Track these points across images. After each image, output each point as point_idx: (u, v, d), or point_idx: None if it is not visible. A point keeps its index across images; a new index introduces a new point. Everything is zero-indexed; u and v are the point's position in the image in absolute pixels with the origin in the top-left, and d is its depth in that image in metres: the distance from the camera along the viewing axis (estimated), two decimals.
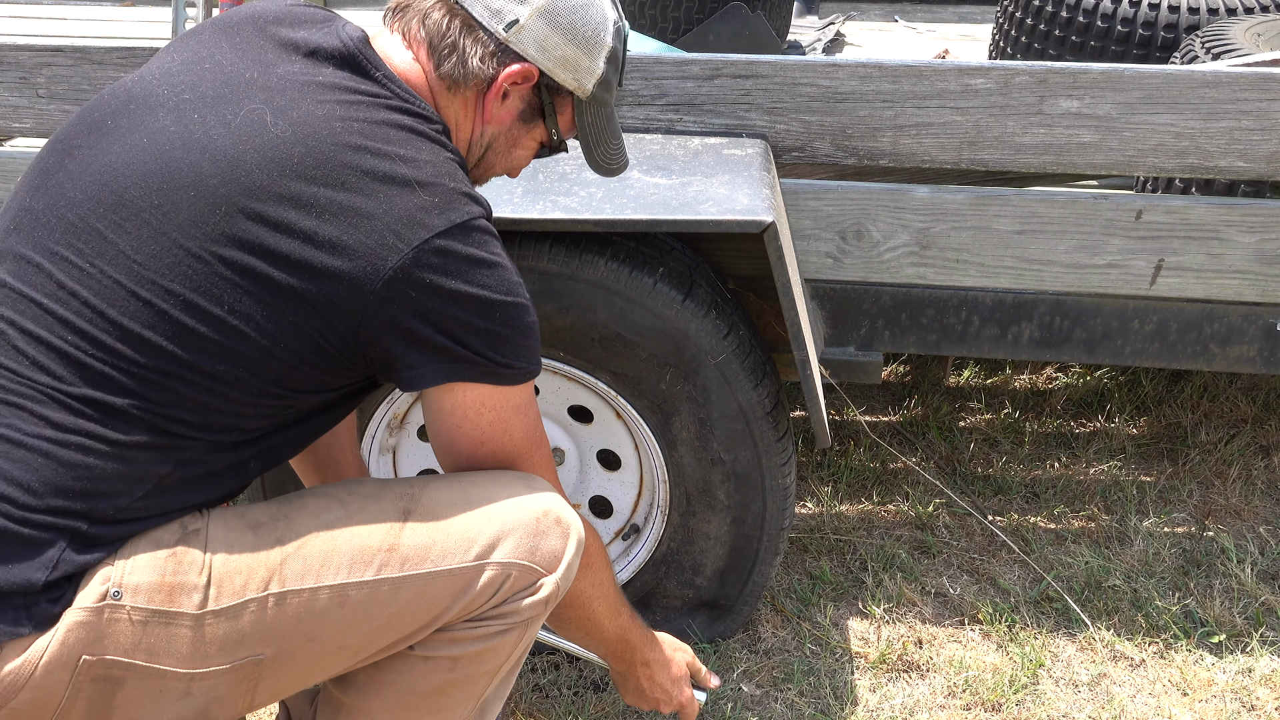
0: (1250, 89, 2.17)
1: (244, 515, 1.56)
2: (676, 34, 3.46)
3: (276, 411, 1.54)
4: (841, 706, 2.31)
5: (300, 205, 1.46)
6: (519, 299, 1.55)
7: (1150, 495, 2.95)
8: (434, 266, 1.47)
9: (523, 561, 1.58)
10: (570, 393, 2.26)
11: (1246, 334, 2.36)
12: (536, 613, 1.61)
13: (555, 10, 1.61)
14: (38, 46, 2.34)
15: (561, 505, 1.64)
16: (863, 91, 2.22)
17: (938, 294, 2.37)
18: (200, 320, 1.45)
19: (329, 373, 1.53)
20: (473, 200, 1.54)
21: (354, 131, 1.51)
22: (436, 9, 1.61)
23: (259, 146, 1.48)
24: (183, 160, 1.48)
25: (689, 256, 2.19)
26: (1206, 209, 2.27)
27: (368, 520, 1.56)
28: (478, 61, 1.60)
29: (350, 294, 1.46)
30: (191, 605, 1.47)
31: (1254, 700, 2.33)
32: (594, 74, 1.66)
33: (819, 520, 2.86)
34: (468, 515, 1.57)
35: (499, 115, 1.67)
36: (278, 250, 1.45)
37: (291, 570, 1.52)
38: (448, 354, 1.51)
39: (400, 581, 1.54)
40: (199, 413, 1.48)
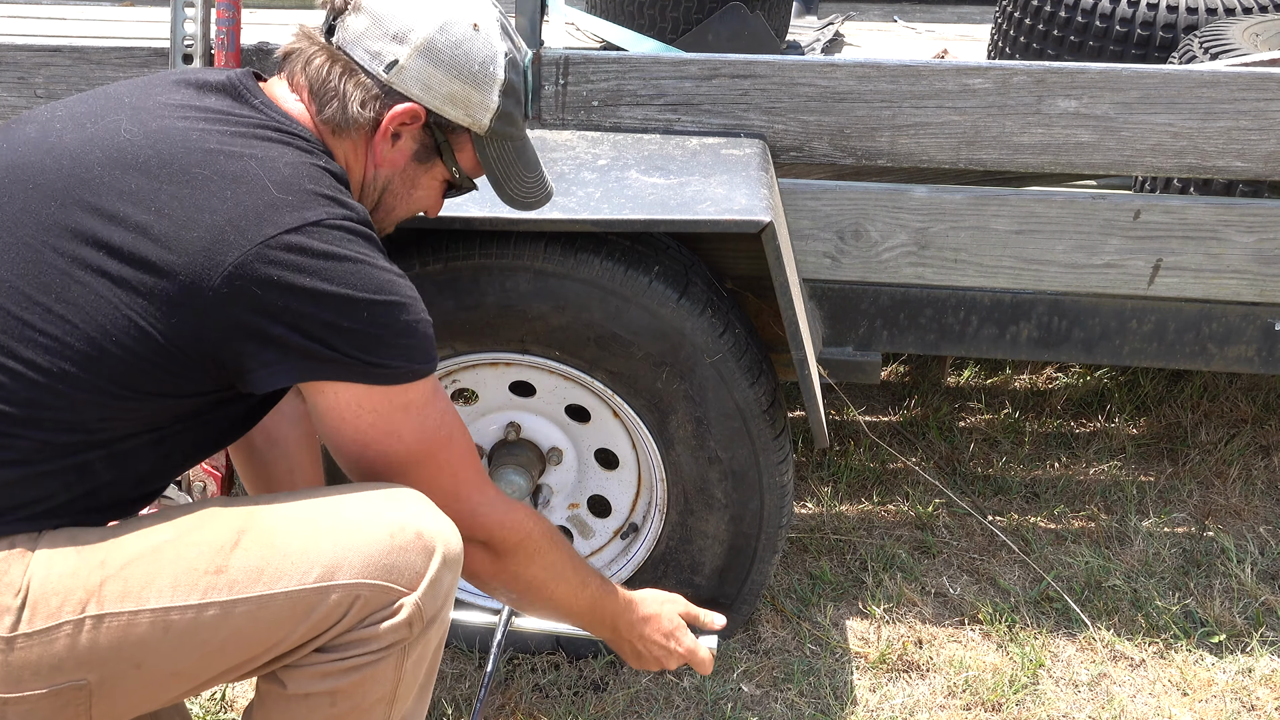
0: (1248, 89, 2.17)
1: (75, 537, 1.47)
2: (675, 34, 3.46)
3: (122, 414, 1.46)
4: (841, 706, 2.31)
5: (138, 200, 1.43)
6: (391, 296, 1.48)
7: (1150, 495, 2.95)
8: (282, 263, 1.42)
9: (375, 581, 1.48)
10: (567, 392, 2.26)
11: (1245, 334, 2.35)
12: (400, 636, 1.51)
13: (435, 47, 1.58)
14: (36, 46, 2.34)
15: (425, 518, 1.53)
16: (861, 91, 2.22)
17: (936, 294, 2.37)
18: (25, 308, 1.41)
19: (180, 375, 1.45)
20: (337, 204, 1.49)
21: (212, 138, 1.49)
22: (318, 55, 1.59)
23: (106, 147, 1.47)
24: (28, 159, 1.49)
25: (684, 255, 2.19)
26: (1204, 209, 2.27)
27: (198, 540, 1.47)
28: (358, 107, 1.58)
29: (188, 291, 1.40)
30: (2, 628, 1.40)
31: (1254, 700, 2.33)
32: (488, 109, 1.63)
33: (819, 520, 2.86)
34: (310, 533, 1.48)
35: (391, 157, 1.64)
36: (110, 242, 1.41)
37: (110, 592, 1.43)
38: (308, 354, 1.45)
39: (229, 605, 1.45)
40: (23, 407, 1.41)
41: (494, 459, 2.31)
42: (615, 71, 2.25)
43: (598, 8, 3.61)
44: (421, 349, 1.52)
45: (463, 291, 2.08)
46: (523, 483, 2.27)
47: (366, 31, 1.58)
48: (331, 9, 1.60)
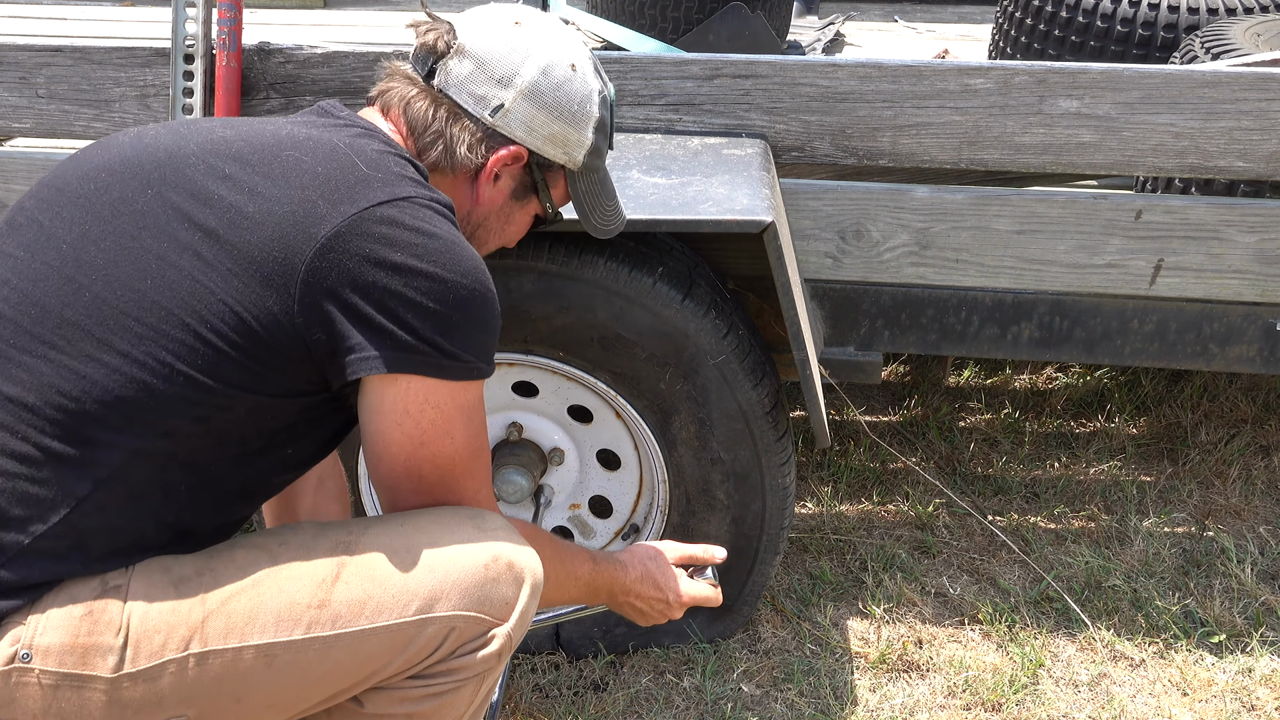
0: (1250, 89, 2.17)
1: (169, 569, 1.45)
2: (676, 34, 3.46)
3: (210, 414, 1.43)
4: (841, 706, 2.31)
5: (233, 183, 1.44)
6: (478, 286, 1.47)
7: (1150, 495, 2.95)
8: (375, 236, 1.41)
9: (469, 613, 1.49)
10: (570, 392, 2.26)
11: (1246, 334, 2.36)
12: (489, 666, 1.53)
13: (539, 90, 1.60)
14: (38, 46, 2.34)
15: (514, 547, 1.54)
16: (862, 91, 2.22)
17: (937, 294, 2.37)
18: (119, 295, 1.40)
19: (272, 367, 1.43)
20: (424, 187, 1.51)
21: (301, 134, 1.51)
22: (420, 97, 1.60)
23: (200, 141, 1.50)
24: (125, 157, 1.51)
25: (688, 256, 2.19)
26: (1206, 209, 2.27)
27: (298, 573, 1.47)
28: (465, 150, 1.60)
29: (281, 266, 1.40)
30: (106, 668, 1.39)
31: (1254, 700, 2.33)
32: (584, 145, 1.66)
33: (819, 520, 2.86)
34: (409, 565, 1.48)
35: (491, 197, 1.66)
36: (205, 224, 1.42)
37: (214, 629, 1.43)
38: (392, 339, 1.42)
39: (332, 640, 1.46)
40: (117, 409, 1.38)
41: (496, 459, 2.31)
42: (617, 71, 2.25)
43: (599, 8, 3.61)
44: (491, 346, 1.52)
45: None
46: (524, 483, 2.27)
47: (471, 76, 1.59)
48: (430, 52, 1.61)
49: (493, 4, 1.67)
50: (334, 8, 4.21)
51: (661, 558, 1.88)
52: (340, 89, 2.29)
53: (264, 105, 2.31)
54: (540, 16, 1.66)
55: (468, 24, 1.62)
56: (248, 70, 2.29)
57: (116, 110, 2.35)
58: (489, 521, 1.55)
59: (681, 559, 1.91)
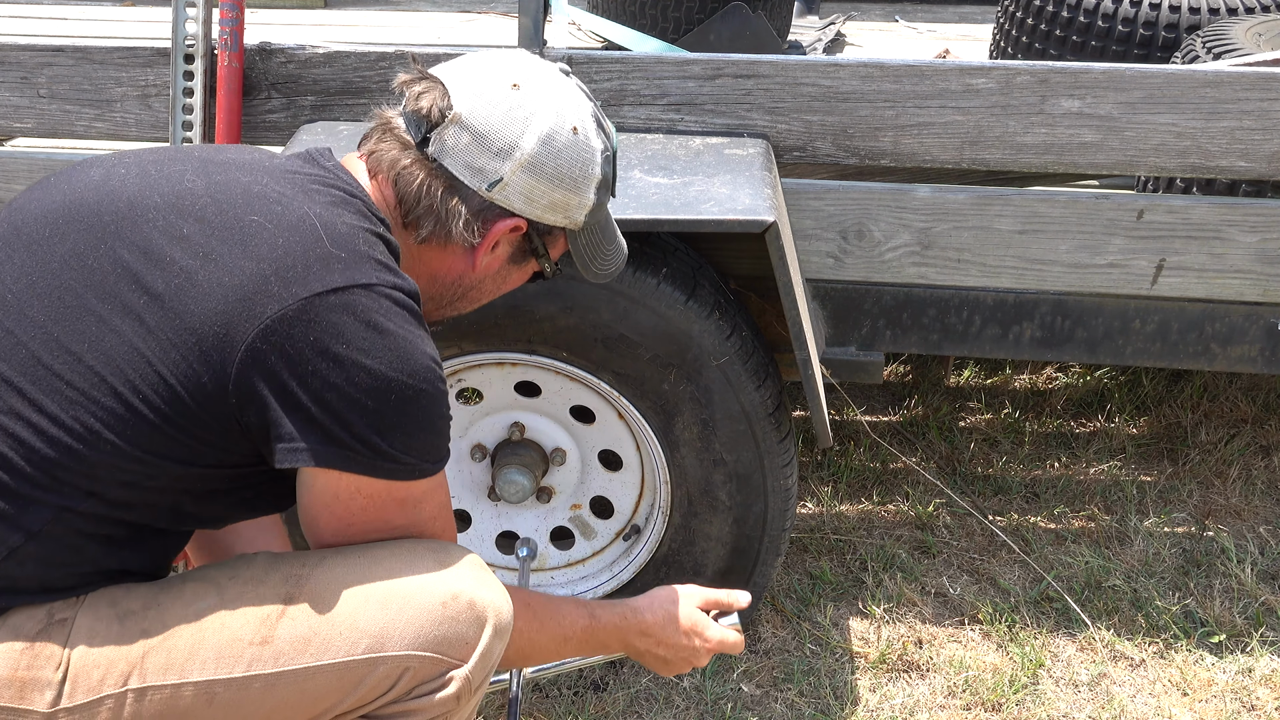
0: (1252, 89, 2.17)
1: (116, 603, 1.42)
2: (677, 34, 3.46)
3: (138, 481, 1.39)
4: (841, 706, 2.31)
5: (188, 245, 1.37)
6: (423, 384, 1.40)
7: (1150, 495, 2.95)
8: (322, 324, 1.34)
9: (425, 654, 1.43)
10: (572, 393, 2.26)
11: (1248, 334, 2.36)
12: (447, 708, 1.46)
13: (539, 161, 1.52)
14: (39, 46, 2.34)
15: (477, 585, 1.47)
16: (864, 91, 2.22)
17: (939, 294, 2.37)
18: (57, 356, 1.35)
19: (199, 439, 1.38)
20: (389, 271, 1.42)
21: (273, 192, 1.43)
22: (414, 167, 1.51)
23: (165, 193, 1.42)
24: (87, 200, 1.44)
25: (692, 257, 2.19)
26: (1208, 209, 2.27)
27: (244, 608, 1.42)
28: (461, 227, 1.52)
29: (221, 341, 1.33)
30: (43, 703, 1.36)
31: (1254, 700, 2.33)
32: (585, 207, 1.59)
33: (819, 520, 2.86)
34: (360, 601, 1.42)
35: (488, 264, 1.60)
36: (152, 287, 1.35)
37: (153, 665, 1.39)
38: (324, 432, 1.36)
39: (274, 678, 1.40)
40: (44, 469, 1.35)
41: (497, 459, 2.31)
42: (618, 71, 2.25)
43: (600, 8, 3.62)
44: (436, 447, 1.45)
45: None
46: (526, 483, 2.27)
47: (468, 147, 1.50)
48: (424, 120, 1.51)
49: (491, 58, 1.58)
50: (335, 8, 4.21)
51: (685, 601, 1.78)
52: (341, 89, 2.29)
53: (265, 105, 2.31)
54: (540, 73, 1.57)
55: (464, 89, 1.52)
56: (249, 70, 2.29)
57: (118, 110, 2.35)
58: (452, 555, 1.49)
59: (706, 604, 1.80)
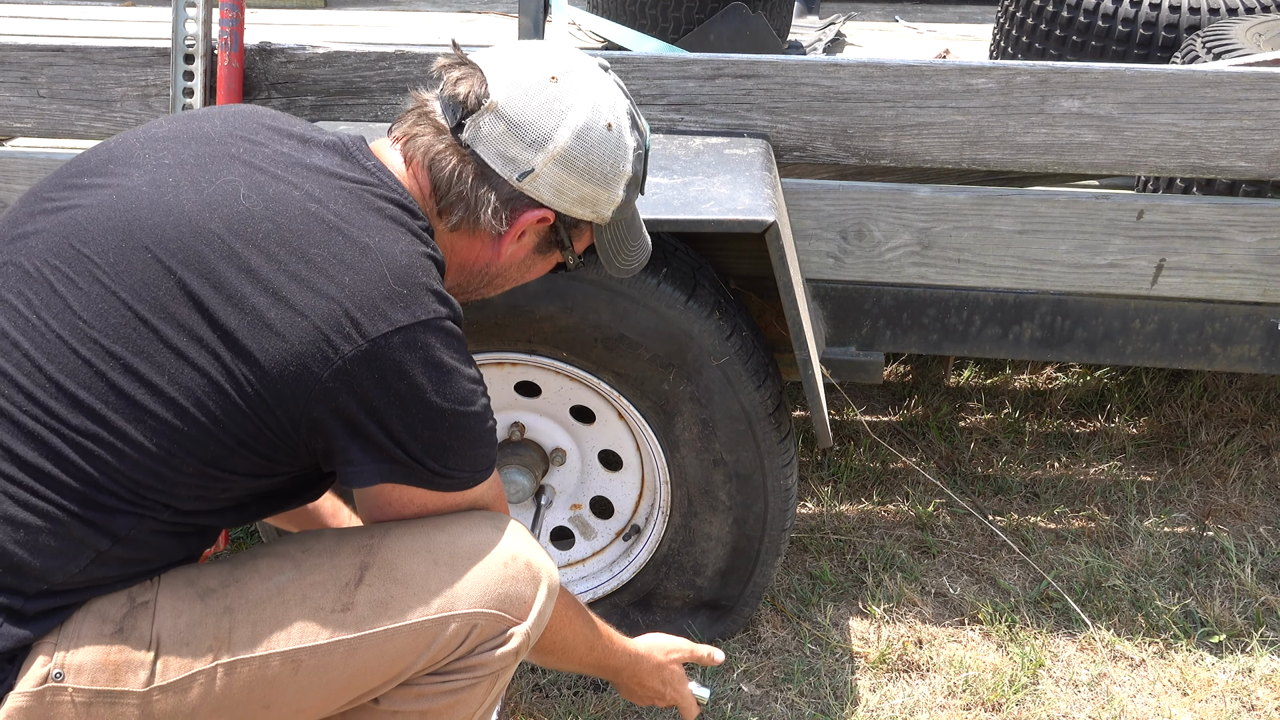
0: (1252, 89, 2.17)
1: (194, 581, 1.49)
2: (677, 34, 3.46)
3: (211, 494, 1.47)
4: (841, 706, 2.31)
5: (258, 280, 1.40)
6: (471, 408, 1.49)
7: (1150, 495, 2.95)
8: (388, 364, 1.42)
9: (490, 610, 1.53)
10: (573, 393, 2.26)
11: (1248, 334, 2.36)
12: (506, 663, 1.56)
13: (572, 155, 1.54)
14: (39, 46, 2.34)
15: (531, 548, 1.58)
16: (864, 91, 2.22)
17: (939, 294, 2.37)
18: (139, 387, 1.39)
19: (268, 459, 1.46)
20: (441, 300, 1.48)
21: (330, 211, 1.46)
22: (447, 153, 1.55)
23: (226, 216, 1.44)
24: (146, 220, 1.44)
25: (692, 257, 2.19)
26: (1208, 209, 2.27)
27: (321, 579, 1.50)
28: (489, 215, 1.55)
29: (296, 381, 1.40)
30: (138, 683, 1.42)
31: (1254, 700, 2.33)
32: (613, 204, 1.62)
33: (819, 520, 2.86)
34: (429, 565, 1.51)
35: (513, 254, 1.64)
36: (227, 325, 1.39)
37: (240, 638, 1.46)
38: (388, 454, 1.46)
39: (357, 642, 1.49)
40: (129, 488, 1.41)
41: (498, 459, 2.31)
42: (618, 71, 2.24)
43: (600, 8, 3.62)
44: (486, 458, 1.55)
45: None
46: (526, 483, 2.27)
47: (502, 136, 1.53)
48: (461, 106, 1.54)
49: (532, 48, 1.60)
50: (335, 8, 4.21)
51: (679, 654, 2.00)
52: (341, 89, 2.29)
53: (265, 105, 2.31)
54: (580, 66, 1.59)
55: (502, 77, 1.54)
56: (249, 70, 2.29)
57: (118, 110, 2.35)
58: (505, 523, 1.59)
59: (690, 657, 2.01)
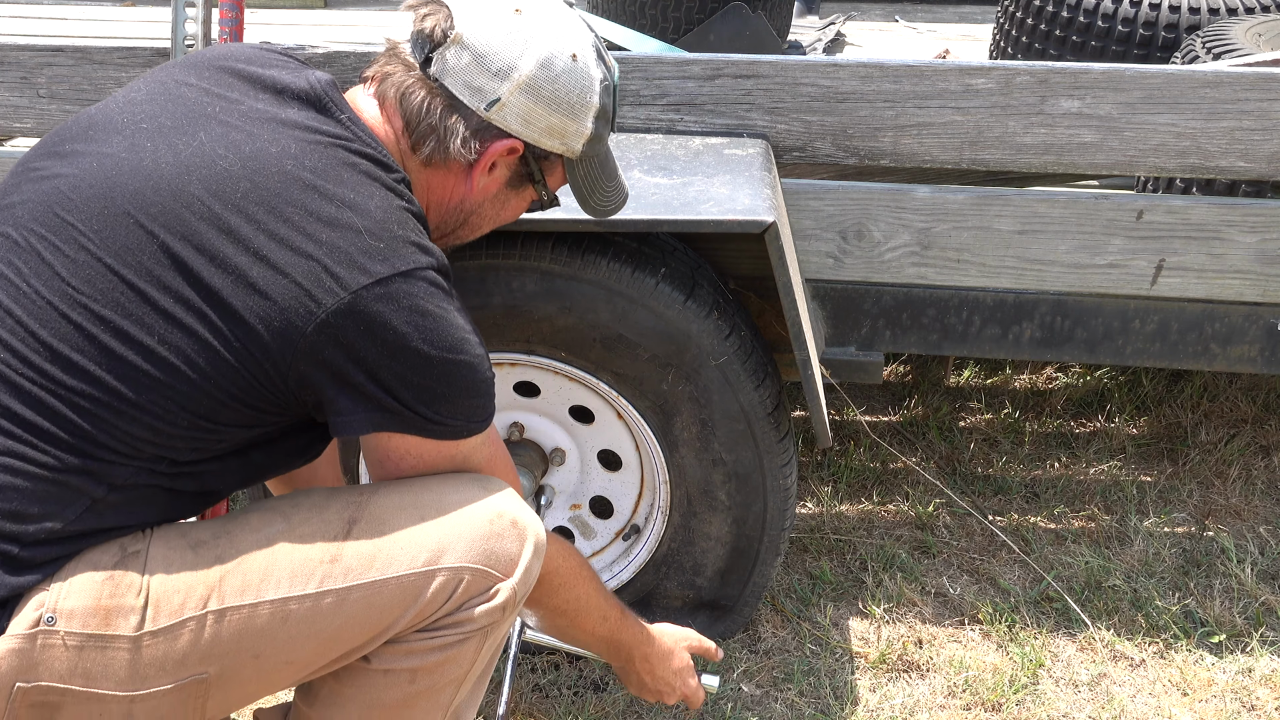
0: (1251, 89, 2.17)
1: (186, 534, 1.53)
2: (677, 34, 3.46)
3: (207, 445, 1.51)
4: (841, 706, 2.31)
5: (239, 240, 1.44)
6: (463, 355, 1.51)
7: (1150, 495, 2.95)
8: (370, 315, 1.44)
9: (476, 565, 1.54)
10: (572, 393, 2.26)
11: (1247, 334, 2.36)
12: (494, 619, 1.57)
13: (537, 83, 1.58)
14: (38, 46, 2.34)
15: (518, 507, 1.60)
16: (864, 91, 2.22)
17: (939, 294, 2.37)
18: (130, 348, 1.43)
19: (260, 410, 1.50)
20: (422, 251, 1.50)
21: (306, 169, 1.49)
22: (416, 87, 1.59)
23: (205, 178, 1.47)
24: (126, 186, 1.48)
25: (691, 257, 2.19)
26: (1208, 209, 2.27)
27: (310, 532, 1.53)
28: (459, 144, 1.59)
29: (281, 337, 1.44)
30: (129, 628, 1.45)
31: (1254, 700, 2.33)
32: (583, 135, 1.65)
33: (819, 520, 2.86)
34: (416, 520, 1.54)
35: (485, 186, 1.66)
36: (211, 285, 1.43)
37: (230, 587, 1.49)
38: (377, 403, 1.48)
39: (345, 593, 1.51)
40: (126, 442, 1.45)
41: None
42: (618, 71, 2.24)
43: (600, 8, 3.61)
44: (481, 408, 1.57)
45: (469, 291, 2.08)
46: (525, 483, 2.26)
47: (467, 67, 1.57)
48: (428, 40, 1.58)
49: None
50: (334, 8, 4.21)
51: (688, 642, 2.01)
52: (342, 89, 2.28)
53: None
54: (544, 1, 1.63)
55: (467, 11, 1.58)
56: None
57: None
58: (493, 484, 1.60)
59: (695, 648, 2.03)
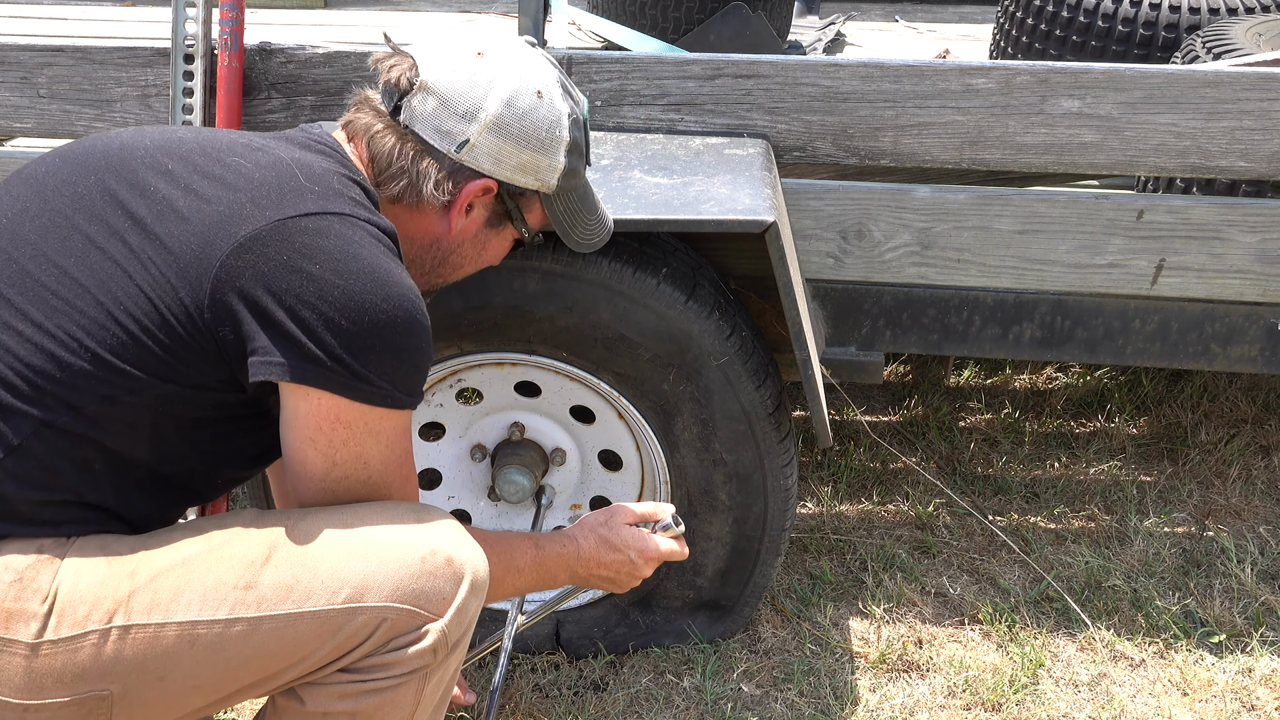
0: (1251, 89, 2.17)
1: (106, 546, 1.48)
2: (677, 34, 3.46)
3: (116, 394, 1.44)
4: (841, 706, 2.31)
5: (173, 178, 1.50)
6: (399, 313, 1.46)
7: (1150, 495, 2.95)
8: (294, 245, 1.43)
9: (402, 605, 1.48)
10: (572, 393, 2.26)
11: (1248, 334, 2.36)
12: (424, 662, 1.51)
13: (504, 122, 1.60)
14: (39, 46, 2.34)
15: (454, 542, 1.53)
16: (864, 91, 2.22)
17: (939, 294, 2.37)
18: (42, 269, 1.46)
19: (177, 356, 1.45)
20: (364, 208, 1.51)
21: (256, 142, 1.56)
22: (386, 132, 1.61)
23: (156, 139, 1.57)
24: (84, 146, 1.59)
25: (692, 257, 2.19)
26: (1208, 209, 2.27)
27: (229, 555, 1.48)
28: (432, 188, 1.61)
29: (197, 260, 1.42)
30: (28, 634, 1.41)
31: (1254, 700, 2.33)
32: (556, 170, 1.67)
33: (819, 520, 2.86)
34: (342, 553, 1.48)
35: (464, 227, 1.68)
36: (136, 212, 1.47)
37: (138, 604, 1.44)
38: (299, 348, 1.43)
39: (256, 621, 1.46)
40: (25, 378, 1.42)
41: (497, 459, 2.31)
42: (618, 71, 2.25)
43: (600, 8, 3.62)
44: (410, 378, 1.51)
45: (470, 291, 2.08)
46: (526, 483, 2.27)
47: (435, 112, 1.59)
48: (395, 89, 1.61)
49: (459, 32, 1.69)
50: (334, 8, 4.21)
51: (613, 520, 1.83)
52: (341, 89, 2.29)
53: (265, 105, 2.31)
54: (504, 42, 1.66)
55: (430, 58, 1.61)
56: (249, 70, 2.29)
57: (118, 110, 2.35)
58: (431, 515, 1.55)
59: (635, 518, 1.85)
